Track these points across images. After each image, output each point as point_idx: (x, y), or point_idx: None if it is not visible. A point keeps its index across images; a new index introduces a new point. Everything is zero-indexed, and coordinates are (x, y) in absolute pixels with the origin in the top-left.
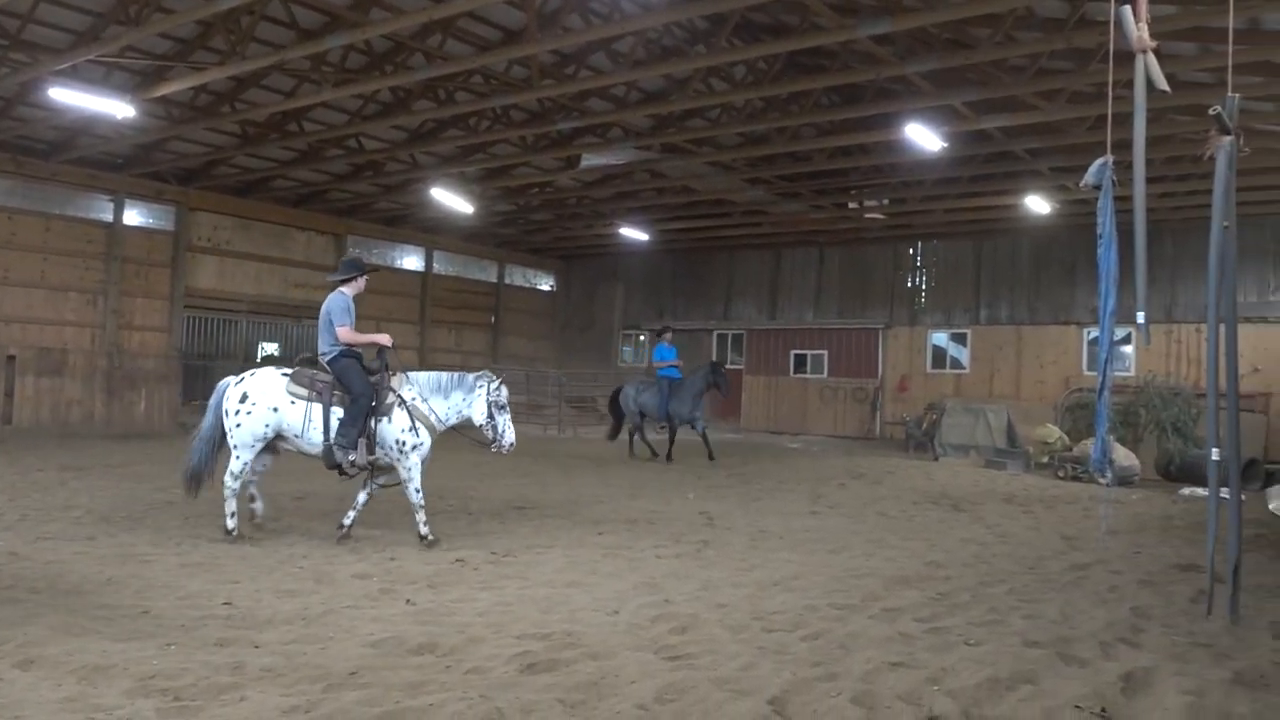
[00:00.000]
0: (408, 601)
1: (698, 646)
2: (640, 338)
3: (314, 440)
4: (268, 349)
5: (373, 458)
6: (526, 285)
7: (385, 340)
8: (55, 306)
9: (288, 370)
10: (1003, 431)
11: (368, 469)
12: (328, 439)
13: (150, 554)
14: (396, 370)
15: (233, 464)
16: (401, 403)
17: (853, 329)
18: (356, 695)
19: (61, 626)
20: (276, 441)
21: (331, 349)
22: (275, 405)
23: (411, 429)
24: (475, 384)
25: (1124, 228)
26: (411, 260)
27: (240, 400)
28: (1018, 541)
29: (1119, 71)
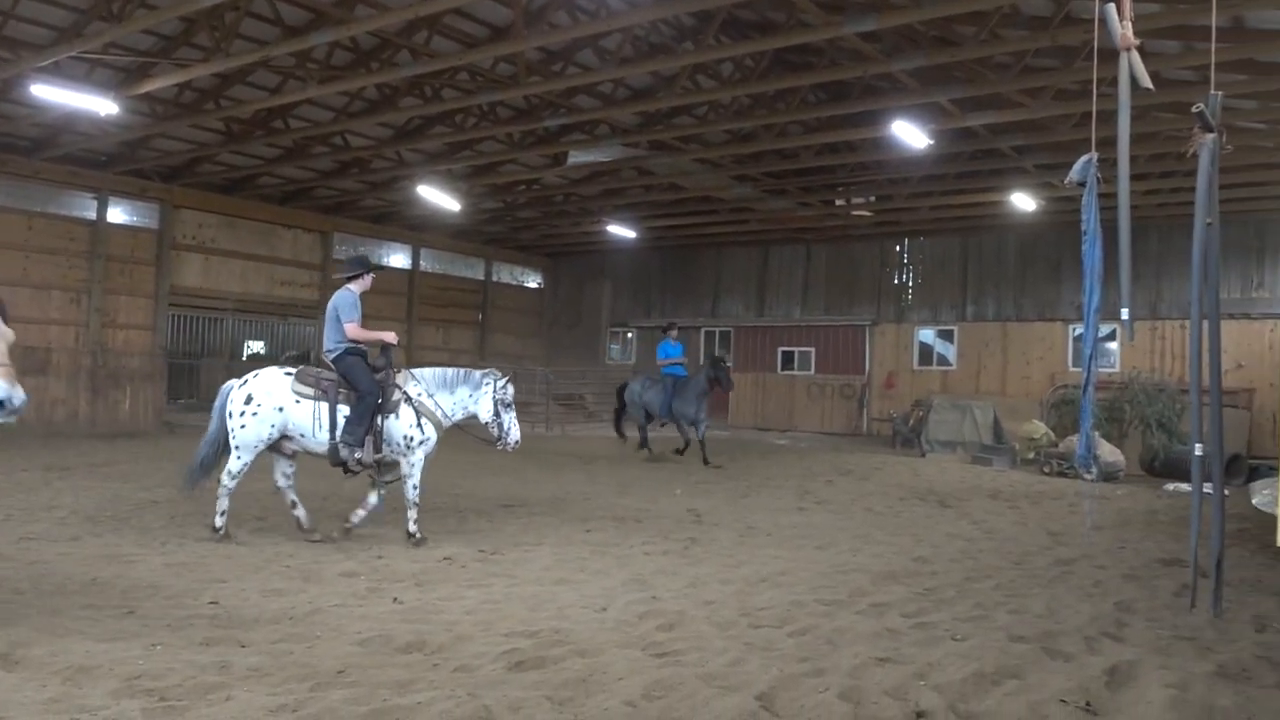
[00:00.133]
0: (395, 600)
1: (685, 643)
2: (629, 335)
3: (321, 439)
4: (254, 347)
5: (379, 455)
6: (514, 283)
7: (391, 338)
8: (39, 305)
9: (291, 370)
10: (989, 428)
11: (373, 466)
12: (334, 437)
13: (135, 554)
14: (400, 367)
15: (232, 464)
16: (407, 399)
17: (840, 326)
18: (344, 694)
19: (46, 627)
20: (282, 442)
21: (337, 346)
22: (281, 405)
23: (418, 425)
24: (482, 381)
25: (1109, 225)
26: (398, 258)
27: (245, 402)
28: (1004, 537)
29: (1103, 69)
